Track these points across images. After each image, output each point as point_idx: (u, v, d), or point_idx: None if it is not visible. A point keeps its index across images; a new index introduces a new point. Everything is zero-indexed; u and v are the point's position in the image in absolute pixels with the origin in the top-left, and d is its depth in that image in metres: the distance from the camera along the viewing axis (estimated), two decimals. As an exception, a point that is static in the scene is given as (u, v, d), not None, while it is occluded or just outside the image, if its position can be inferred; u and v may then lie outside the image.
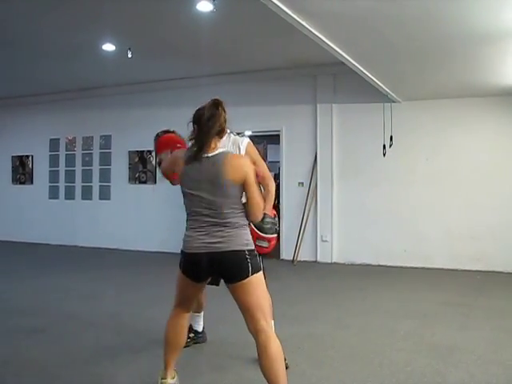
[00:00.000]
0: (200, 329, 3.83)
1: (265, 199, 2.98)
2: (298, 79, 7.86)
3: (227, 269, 2.53)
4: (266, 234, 3.18)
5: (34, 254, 8.85)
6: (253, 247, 2.59)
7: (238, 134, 3.55)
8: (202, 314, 3.77)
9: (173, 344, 2.75)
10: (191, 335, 3.74)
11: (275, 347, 2.46)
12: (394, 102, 7.12)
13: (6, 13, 5.33)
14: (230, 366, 3.29)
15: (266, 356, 2.45)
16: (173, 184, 2.94)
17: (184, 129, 2.71)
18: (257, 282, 2.54)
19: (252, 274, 2.50)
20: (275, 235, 3.27)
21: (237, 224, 2.53)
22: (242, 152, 3.30)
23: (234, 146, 3.34)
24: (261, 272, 2.59)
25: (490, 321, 4.40)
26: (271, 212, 3.28)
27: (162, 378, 2.73)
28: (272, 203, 3.31)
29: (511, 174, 6.83)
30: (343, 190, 7.69)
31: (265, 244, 3.21)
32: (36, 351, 3.60)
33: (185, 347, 3.11)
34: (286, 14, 3.77)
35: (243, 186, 2.52)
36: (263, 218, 3.16)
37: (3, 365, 3.31)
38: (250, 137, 3.73)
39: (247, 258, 2.51)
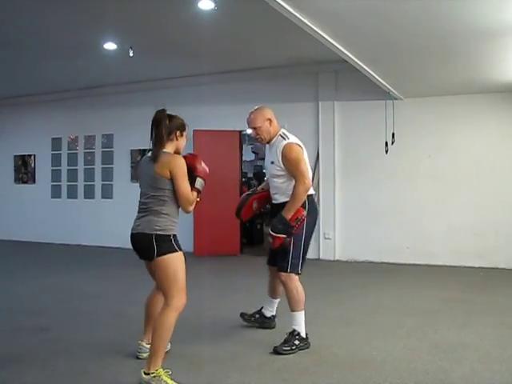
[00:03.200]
0: (267, 314, 3.95)
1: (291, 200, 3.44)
2: (300, 77, 7.85)
3: (140, 248, 3.00)
4: (273, 231, 3.45)
5: (36, 254, 8.86)
6: (166, 233, 2.92)
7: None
8: (277, 301, 3.87)
9: (147, 313, 3.36)
10: (256, 316, 3.97)
11: (162, 321, 2.86)
12: (395, 99, 7.11)
13: (7, 12, 5.34)
14: (234, 364, 3.29)
15: (154, 324, 2.95)
16: None
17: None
18: (160, 265, 2.90)
19: (158, 256, 2.88)
20: (283, 235, 3.40)
21: (155, 211, 2.95)
22: (279, 154, 3.51)
23: (276, 149, 3.57)
24: (170, 255, 2.89)
25: (493, 317, 4.40)
26: (291, 213, 3.43)
27: (140, 341, 3.36)
28: (294, 205, 3.44)
29: (514, 171, 6.83)
30: (345, 188, 7.69)
31: (270, 240, 3.54)
32: (40, 350, 3.61)
33: (247, 324, 3.96)
34: (288, 12, 3.78)
35: (172, 181, 2.92)
36: (280, 217, 3.44)
37: (7, 363, 3.32)
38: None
39: (154, 242, 2.88)
